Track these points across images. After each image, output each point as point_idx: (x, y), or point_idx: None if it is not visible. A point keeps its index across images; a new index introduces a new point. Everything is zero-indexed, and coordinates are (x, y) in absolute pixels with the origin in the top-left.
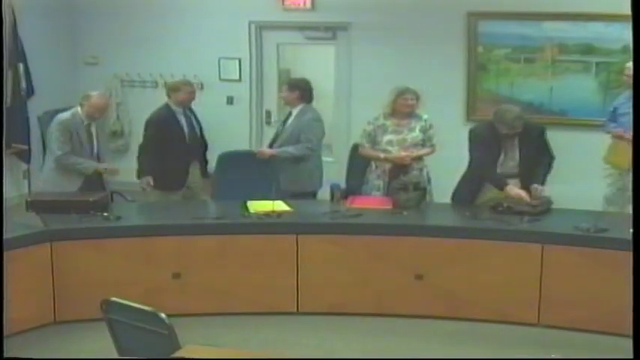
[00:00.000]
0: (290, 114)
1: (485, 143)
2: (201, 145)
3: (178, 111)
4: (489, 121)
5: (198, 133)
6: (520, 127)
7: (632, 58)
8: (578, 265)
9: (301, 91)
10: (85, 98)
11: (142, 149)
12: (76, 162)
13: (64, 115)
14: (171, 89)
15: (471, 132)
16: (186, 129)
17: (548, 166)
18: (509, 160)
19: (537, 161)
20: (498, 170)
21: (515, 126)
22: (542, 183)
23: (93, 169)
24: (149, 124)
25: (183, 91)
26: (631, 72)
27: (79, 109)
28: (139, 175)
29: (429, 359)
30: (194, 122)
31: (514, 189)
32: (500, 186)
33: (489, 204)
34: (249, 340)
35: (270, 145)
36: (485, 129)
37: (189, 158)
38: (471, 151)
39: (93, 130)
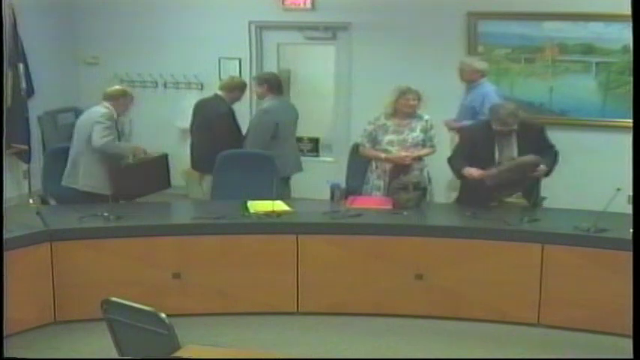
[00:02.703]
0: None
1: (469, 140)
2: (239, 132)
3: (227, 102)
4: (486, 120)
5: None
6: (513, 124)
7: (632, 58)
8: (578, 265)
9: (268, 84)
10: (122, 93)
11: (199, 139)
12: (118, 146)
13: (101, 109)
14: (230, 87)
15: (460, 129)
16: (231, 117)
17: (554, 156)
18: (506, 159)
19: (552, 154)
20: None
21: (508, 123)
22: (549, 168)
23: (132, 152)
24: (202, 112)
25: (240, 94)
26: (466, 67)
27: (108, 105)
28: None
29: (429, 359)
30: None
31: (469, 170)
32: (458, 173)
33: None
34: (249, 340)
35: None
36: (478, 127)
37: (234, 143)
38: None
39: (119, 126)
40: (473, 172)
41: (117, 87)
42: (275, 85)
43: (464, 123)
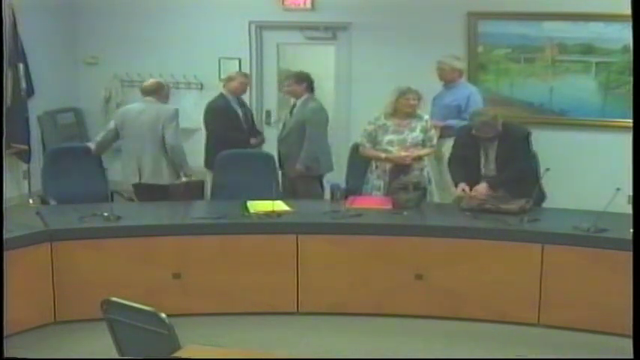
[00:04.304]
0: (294, 105)
1: (459, 144)
2: (253, 131)
3: (232, 99)
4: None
5: (250, 120)
6: (489, 133)
7: (632, 58)
8: (578, 265)
9: (308, 82)
10: (161, 85)
11: (208, 138)
12: (184, 153)
13: (169, 107)
14: (227, 79)
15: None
16: (241, 115)
17: (527, 175)
18: (490, 163)
19: (517, 169)
20: (482, 172)
21: (483, 130)
22: (532, 192)
23: (186, 168)
24: (208, 112)
25: (237, 81)
26: (446, 67)
27: (151, 99)
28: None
29: (429, 359)
30: (247, 110)
31: (460, 186)
32: (454, 181)
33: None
34: (249, 340)
35: (279, 136)
36: (465, 130)
37: (245, 143)
38: None
39: None
40: (462, 189)
41: (152, 80)
42: (312, 84)
43: (449, 122)
